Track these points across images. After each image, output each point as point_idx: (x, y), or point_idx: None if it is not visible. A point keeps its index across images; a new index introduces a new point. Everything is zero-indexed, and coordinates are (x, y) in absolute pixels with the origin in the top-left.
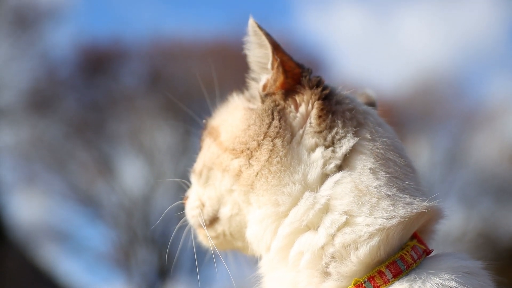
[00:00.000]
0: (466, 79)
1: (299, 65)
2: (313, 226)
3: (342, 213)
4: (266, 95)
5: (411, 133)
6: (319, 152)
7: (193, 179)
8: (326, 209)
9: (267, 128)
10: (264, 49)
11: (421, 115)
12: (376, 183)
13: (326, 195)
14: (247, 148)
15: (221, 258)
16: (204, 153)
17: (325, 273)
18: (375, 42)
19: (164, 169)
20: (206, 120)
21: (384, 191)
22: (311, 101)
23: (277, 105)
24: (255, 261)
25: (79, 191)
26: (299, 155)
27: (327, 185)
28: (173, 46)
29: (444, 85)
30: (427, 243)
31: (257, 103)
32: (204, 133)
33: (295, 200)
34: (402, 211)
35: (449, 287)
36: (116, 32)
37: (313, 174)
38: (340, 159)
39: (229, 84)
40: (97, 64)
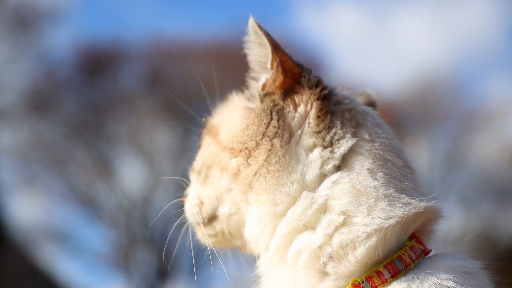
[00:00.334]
0: (466, 80)
1: (299, 65)
2: (311, 226)
3: (340, 213)
4: (265, 95)
5: (411, 134)
6: (317, 153)
7: (192, 177)
8: (324, 209)
9: (266, 128)
10: (264, 49)
11: (420, 116)
12: (374, 184)
13: (324, 195)
14: (246, 148)
15: (219, 257)
16: (204, 152)
17: (323, 273)
18: (374, 43)
19: (164, 170)
20: (206, 119)
21: (382, 192)
22: (310, 101)
23: (276, 105)
24: (254, 261)
25: (79, 192)
26: (297, 155)
27: (325, 185)
28: (172, 47)
29: (444, 86)
30: (426, 244)
31: (256, 103)
32: (204, 132)
33: (293, 200)
34: (400, 211)
35: (447, 287)
36: (116, 33)
37: (311, 174)
38: (339, 160)
39: (229, 85)
40: (97, 65)
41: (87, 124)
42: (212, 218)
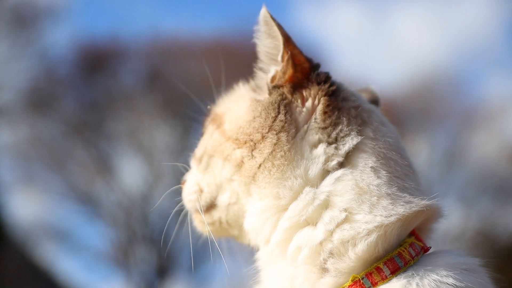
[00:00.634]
0: (465, 78)
1: (308, 60)
2: (312, 222)
3: (342, 210)
4: (274, 87)
5: (410, 132)
6: (322, 149)
7: (193, 164)
8: (326, 205)
9: (273, 122)
10: (274, 40)
11: (420, 114)
12: (377, 182)
13: (326, 191)
14: (251, 140)
15: (218, 249)
16: (206, 140)
17: (323, 269)
18: (373, 40)
19: (163, 168)
20: (210, 107)
21: (385, 190)
22: (318, 97)
23: (284, 99)
24: (250, 253)
25: (78, 190)
26: (302, 150)
27: (328, 182)
28: (172, 45)
29: (443, 84)
30: (426, 242)
31: (264, 95)
32: (208, 120)
33: (296, 195)
34: (401, 209)
35: (447, 284)
36: (115, 31)
37: (314, 170)
38: (343, 157)
39: (229, 82)
40: (96, 63)
41: (87, 122)
42: (211, 207)
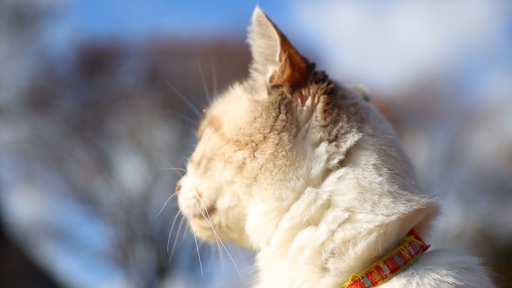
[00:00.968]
0: (464, 77)
1: (304, 59)
2: (314, 222)
3: (345, 210)
4: (273, 87)
5: (409, 131)
6: (324, 147)
7: (190, 169)
8: (328, 205)
9: (274, 121)
10: (270, 40)
11: (419, 113)
12: (379, 180)
13: (329, 191)
14: (252, 141)
15: (217, 252)
16: (205, 143)
17: (324, 269)
18: (372, 39)
19: (162, 167)
20: (206, 110)
21: (387, 188)
22: (317, 95)
23: (284, 98)
24: (250, 255)
25: (78, 189)
26: (304, 150)
27: (330, 181)
28: (171, 44)
29: (442, 83)
30: (424, 239)
31: (263, 95)
32: (204, 123)
33: (298, 195)
34: (402, 208)
35: (447, 283)
36: (114, 30)
37: (317, 169)
38: (344, 154)
39: (228, 82)
40: (95, 62)
41: (86, 122)
42: (210, 211)
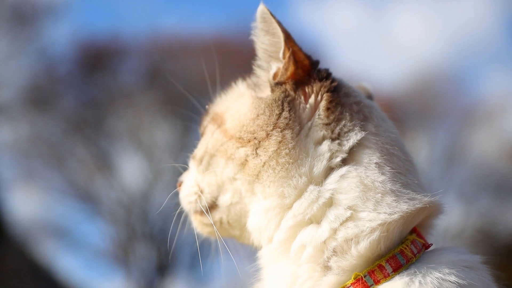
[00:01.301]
0: (465, 75)
1: (308, 57)
2: (316, 220)
3: (347, 208)
4: (277, 84)
5: (410, 130)
6: (326, 145)
7: (192, 165)
8: (330, 203)
9: (277, 119)
10: (273, 37)
11: (420, 112)
12: (382, 178)
13: (331, 189)
14: (255, 138)
15: (218, 249)
16: (207, 140)
17: (326, 267)
18: (372, 37)
19: (163, 166)
20: (209, 106)
21: (389, 187)
22: (321, 93)
23: (287, 96)
24: (251, 253)
25: (78, 188)
26: (307, 148)
27: (332, 179)
28: (172, 43)
29: (443, 81)
30: (426, 238)
31: (266, 92)
32: (206, 119)
33: (300, 193)
34: (405, 206)
35: (449, 281)
36: (115, 29)
37: (319, 168)
38: (346, 153)
39: (230, 79)
40: (96, 61)
41: (87, 120)
42: (212, 207)
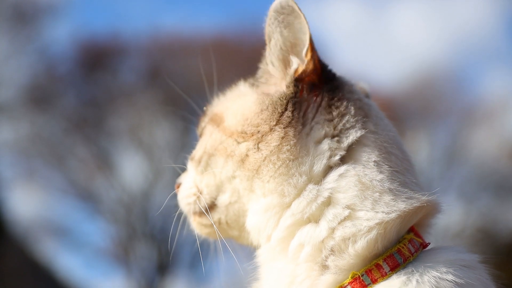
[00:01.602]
0: (465, 75)
1: (321, 59)
2: (314, 219)
3: (345, 207)
4: (296, 80)
5: (410, 129)
6: (326, 144)
7: (190, 166)
8: (329, 202)
9: (280, 116)
10: (297, 33)
11: (420, 111)
12: (380, 177)
13: (330, 188)
14: (258, 132)
15: (217, 249)
16: (206, 140)
17: (324, 266)
18: (372, 36)
19: (163, 165)
20: (207, 108)
21: (387, 185)
22: (325, 91)
23: (294, 93)
24: (251, 253)
25: (78, 187)
26: (307, 146)
27: (331, 178)
28: (172, 42)
29: (443, 81)
30: (423, 237)
31: (273, 88)
32: (204, 120)
33: (299, 192)
34: (403, 205)
35: (446, 280)
36: (115, 28)
37: (319, 166)
38: (345, 150)
39: (228, 79)
40: (96, 60)
41: (87, 119)
42: (210, 208)
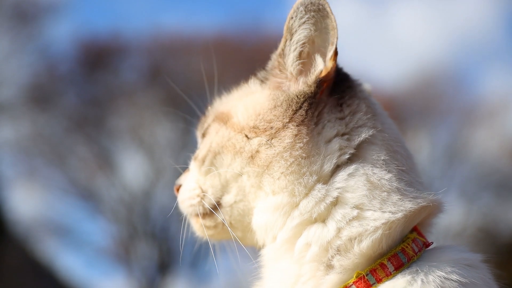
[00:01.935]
0: (466, 74)
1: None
2: (321, 219)
3: (353, 207)
4: (320, 81)
5: (411, 128)
6: (337, 143)
7: (193, 166)
8: (337, 202)
9: (293, 114)
10: (323, 33)
11: (421, 110)
12: (388, 176)
13: (339, 188)
14: (271, 127)
15: (219, 250)
16: (211, 139)
17: (329, 266)
18: (372, 36)
19: (164, 164)
20: (209, 108)
21: (395, 185)
22: (340, 92)
23: (309, 92)
24: (254, 252)
25: (79, 186)
26: (318, 145)
27: (340, 177)
28: (173, 41)
29: (443, 80)
30: (426, 236)
31: (287, 84)
32: (207, 121)
33: (308, 192)
34: (409, 205)
35: (451, 280)
36: (116, 27)
37: (329, 166)
38: (355, 148)
39: (229, 78)
40: (97, 59)
41: (88, 118)
42: (215, 208)
